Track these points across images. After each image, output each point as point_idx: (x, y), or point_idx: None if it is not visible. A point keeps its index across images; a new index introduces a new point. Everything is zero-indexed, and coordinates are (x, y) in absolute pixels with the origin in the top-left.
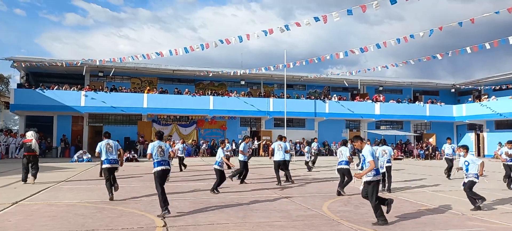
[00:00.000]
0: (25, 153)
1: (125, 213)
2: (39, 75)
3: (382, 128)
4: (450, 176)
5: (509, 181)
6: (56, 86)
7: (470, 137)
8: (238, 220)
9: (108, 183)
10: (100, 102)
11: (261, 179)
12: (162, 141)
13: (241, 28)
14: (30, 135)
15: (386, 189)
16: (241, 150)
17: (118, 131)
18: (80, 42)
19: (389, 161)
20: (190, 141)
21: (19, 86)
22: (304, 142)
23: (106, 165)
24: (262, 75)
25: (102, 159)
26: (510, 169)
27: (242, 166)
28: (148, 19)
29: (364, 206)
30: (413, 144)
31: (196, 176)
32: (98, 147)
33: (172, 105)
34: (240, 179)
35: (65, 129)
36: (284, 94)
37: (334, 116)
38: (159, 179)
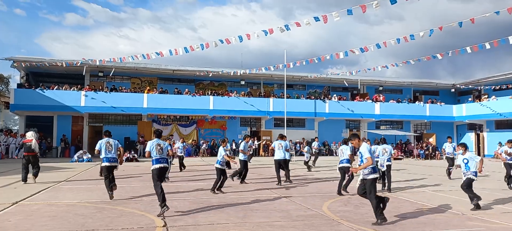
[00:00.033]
0: (24, 153)
1: (125, 213)
2: (39, 75)
3: (382, 127)
4: (451, 176)
5: (509, 180)
6: (56, 86)
7: (470, 137)
8: (238, 220)
9: (107, 181)
10: (100, 102)
11: (261, 179)
12: (161, 139)
13: (241, 28)
14: (30, 135)
15: (386, 189)
16: (241, 149)
17: (118, 131)
18: (80, 42)
19: (389, 160)
20: (190, 141)
21: (19, 86)
22: (304, 142)
23: (105, 163)
24: (262, 75)
25: (101, 157)
26: (510, 168)
27: (242, 166)
28: (148, 19)
29: (364, 206)
30: (413, 144)
31: (196, 176)
32: (98, 144)
33: (172, 105)
34: (240, 178)
35: (65, 129)
36: (284, 94)
37: (334, 116)
38: (157, 176)
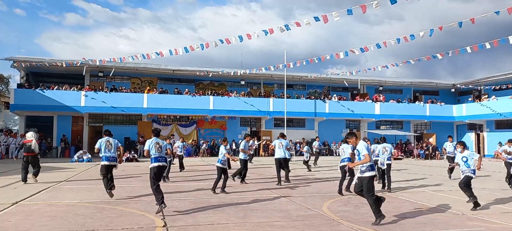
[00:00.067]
0: (24, 153)
1: (125, 213)
2: (39, 75)
3: (382, 127)
4: (451, 176)
5: (510, 180)
6: (56, 86)
7: (470, 137)
8: (238, 220)
9: (105, 180)
10: (100, 103)
11: (261, 179)
12: (159, 138)
13: (241, 28)
14: (30, 135)
15: (386, 189)
16: (242, 149)
17: (118, 131)
18: (80, 42)
19: (389, 159)
20: (190, 141)
21: (19, 86)
22: (303, 142)
23: (104, 162)
24: (262, 75)
25: (100, 155)
26: (511, 166)
27: (242, 165)
28: (148, 19)
29: (364, 206)
30: (413, 144)
31: (196, 176)
32: (98, 143)
33: (172, 105)
34: (240, 178)
35: (65, 129)
36: (284, 94)
37: (334, 116)
38: (155, 175)
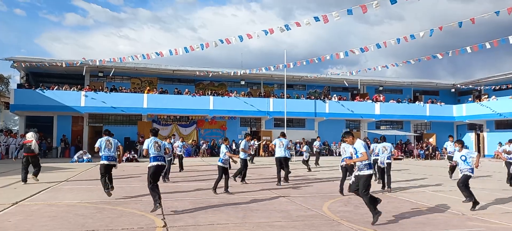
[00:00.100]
0: (24, 154)
1: (125, 214)
2: (39, 76)
3: (382, 128)
4: (452, 176)
5: (511, 181)
6: (56, 87)
7: (470, 137)
8: (238, 220)
9: (103, 179)
10: (100, 103)
11: (261, 179)
12: (157, 137)
13: (241, 28)
14: (30, 135)
15: (387, 188)
16: (242, 148)
17: (118, 131)
18: (80, 42)
19: (389, 158)
20: (190, 141)
21: (19, 86)
22: (303, 142)
23: (103, 161)
24: (262, 75)
25: (100, 154)
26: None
27: (242, 165)
28: (148, 19)
29: (364, 207)
30: (413, 144)
31: (196, 176)
32: (98, 142)
33: (172, 105)
34: (240, 178)
35: (65, 129)
36: (284, 95)
37: (334, 116)
38: (153, 174)
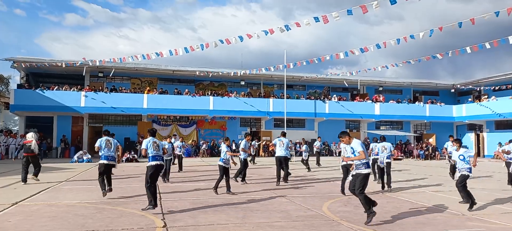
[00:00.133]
0: (24, 154)
1: (125, 214)
2: (39, 76)
3: (382, 128)
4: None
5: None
6: (56, 87)
7: (470, 137)
8: (238, 220)
9: (101, 178)
10: (100, 103)
11: (261, 179)
12: (155, 137)
13: (241, 28)
14: (30, 136)
15: (387, 188)
16: (242, 148)
17: (118, 131)
18: (80, 42)
19: (388, 157)
20: (190, 141)
21: (19, 86)
22: (303, 142)
23: (103, 161)
24: (262, 76)
25: (100, 154)
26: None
27: (242, 164)
28: (148, 19)
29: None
30: (413, 144)
31: (196, 177)
32: (98, 142)
33: (172, 105)
34: (241, 178)
35: (65, 130)
36: (284, 95)
37: (334, 116)
38: (152, 174)
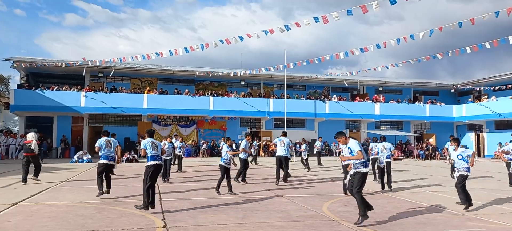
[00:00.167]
0: (24, 154)
1: (125, 214)
2: (39, 76)
3: (382, 128)
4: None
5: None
6: (56, 87)
7: (470, 137)
8: (238, 221)
9: (99, 179)
10: (100, 103)
11: (261, 179)
12: (153, 138)
13: (241, 28)
14: (31, 136)
15: (387, 187)
16: (242, 148)
17: (118, 131)
18: (80, 42)
19: (388, 157)
20: (190, 142)
21: (19, 87)
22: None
23: (103, 160)
24: (262, 76)
25: (100, 154)
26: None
27: (242, 165)
28: (148, 20)
29: None
30: (413, 144)
31: (196, 177)
32: (98, 142)
33: (172, 106)
34: (241, 178)
35: (65, 130)
36: (284, 95)
37: (334, 116)
38: (152, 174)
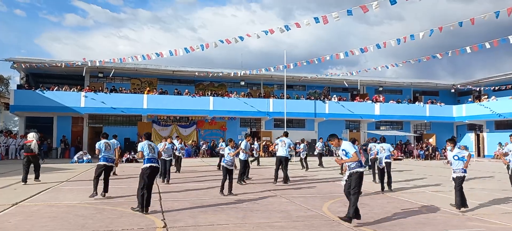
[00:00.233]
0: (25, 153)
1: (125, 214)
2: (39, 76)
3: (382, 128)
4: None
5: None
6: (56, 87)
7: (470, 137)
8: (238, 221)
9: (96, 180)
10: (100, 103)
11: (261, 179)
12: (150, 141)
13: (241, 28)
14: (31, 136)
15: (387, 187)
16: (242, 148)
17: (118, 131)
18: (80, 42)
19: (388, 157)
20: (190, 142)
21: (19, 87)
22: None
23: (102, 162)
24: (262, 76)
25: (100, 156)
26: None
27: (242, 165)
28: (148, 20)
29: (364, 207)
30: (413, 144)
31: (196, 177)
32: (98, 144)
33: (172, 106)
34: (243, 179)
35: (65, 130)
36: (284, 95)
37: (334, 117)
38: (148, 176)
